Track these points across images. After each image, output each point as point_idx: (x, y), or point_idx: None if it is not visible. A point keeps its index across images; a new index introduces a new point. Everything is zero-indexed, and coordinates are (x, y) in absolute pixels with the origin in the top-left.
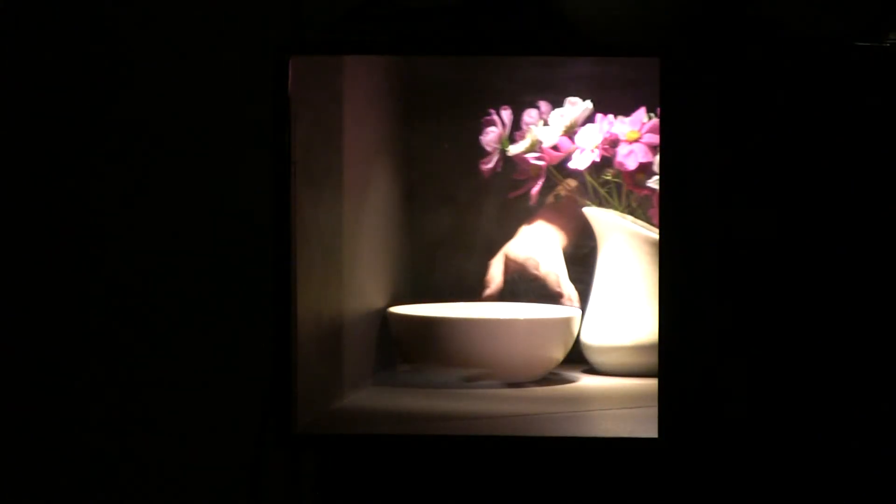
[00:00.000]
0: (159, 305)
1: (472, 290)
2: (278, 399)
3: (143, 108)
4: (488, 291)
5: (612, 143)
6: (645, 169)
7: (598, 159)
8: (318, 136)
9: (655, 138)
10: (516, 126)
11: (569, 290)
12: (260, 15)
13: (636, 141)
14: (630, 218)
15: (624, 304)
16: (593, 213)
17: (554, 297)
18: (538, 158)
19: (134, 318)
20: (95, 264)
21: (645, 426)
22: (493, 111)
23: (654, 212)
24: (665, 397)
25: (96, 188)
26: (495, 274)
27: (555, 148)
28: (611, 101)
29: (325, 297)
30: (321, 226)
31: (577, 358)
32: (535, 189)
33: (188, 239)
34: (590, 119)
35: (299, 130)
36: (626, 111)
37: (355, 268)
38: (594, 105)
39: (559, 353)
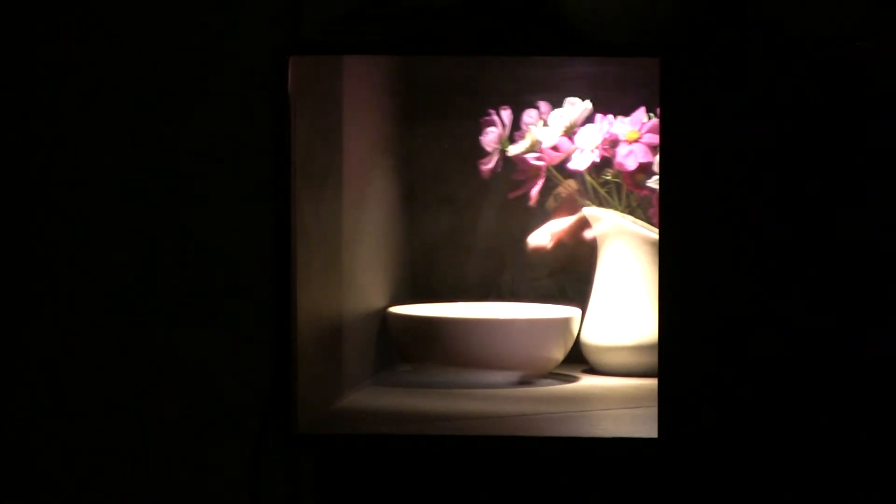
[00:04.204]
0: (159, 305)
1: (472, 290)
2: (278, 399)
3: (142, 108)
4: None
5: (612, 143)
6: (645, 169)
7: (597, 159)
8: (318, 135)
9: (655, 138)
10: (516, 126)
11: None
12: (260, 14)
13: (636, 141)
14: (630, 218)
15: (624, 304)
16: (593, 214)
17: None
18: (538, 159)
19: (133, 318)
20: (92, 264)
21: (645, 426)
22: (492, 111)
23: (654, 212)
24: (665, 397)
25: (94, 187)
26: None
27: (554, 148)
28: (611, 102)
29: (325, 297)
30: (321, 226)
31: (578, 358)
32: (535, 189)
33: (188, 239)
34: (589, 119)
35: (299, 130)
36: (626, 111)
37: (355, 268)
38: (594, 105)
39: (559, 353)
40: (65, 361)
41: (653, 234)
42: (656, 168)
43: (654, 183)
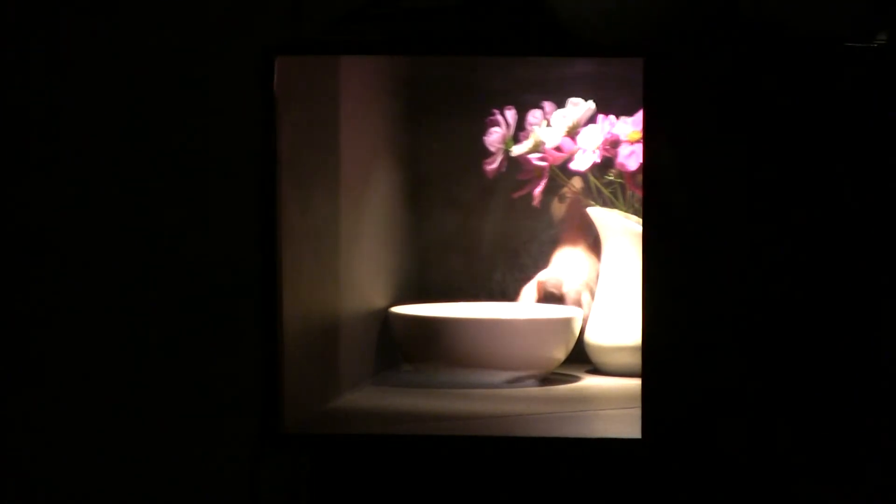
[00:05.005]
0: (151, 306)
1: (474, 290)
2: (267, 399)
3: (137, 108)
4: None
5: (613, 143)
6: None
7: (598, 160)
8: (316, 135)
9: None
10: (521, 126)
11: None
12: (258, 14)
13: (637, 141)
14: (633, 218)
15: (627, 304)
16: (597, 214)
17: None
18: (541, 159)
19: (124, 319)
20: (81, 265)
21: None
22: (496, 112)
23: None
24: (648, 398)
25: (82, 187)
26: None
27: (557, 149)
28: (613, 102)
29: (319, 298)
30: (314, 226)
31: (581, 358)
32: (538, 189)
33: (176, 239)
34: (592, 119)
35: (295, 130)
36: (628, 112)
37: (355, 268)
38: (597, 105)
39: (560, 353)
40: (59, 363)
41: None
42: None
43: None
